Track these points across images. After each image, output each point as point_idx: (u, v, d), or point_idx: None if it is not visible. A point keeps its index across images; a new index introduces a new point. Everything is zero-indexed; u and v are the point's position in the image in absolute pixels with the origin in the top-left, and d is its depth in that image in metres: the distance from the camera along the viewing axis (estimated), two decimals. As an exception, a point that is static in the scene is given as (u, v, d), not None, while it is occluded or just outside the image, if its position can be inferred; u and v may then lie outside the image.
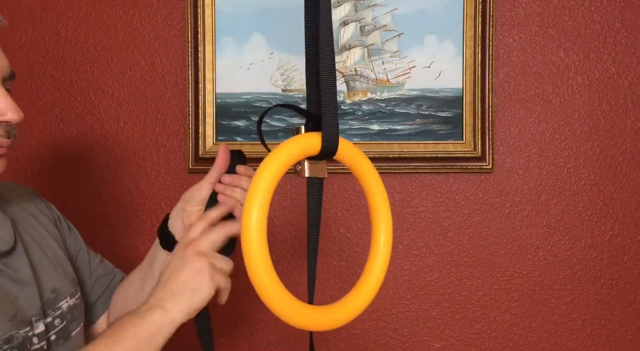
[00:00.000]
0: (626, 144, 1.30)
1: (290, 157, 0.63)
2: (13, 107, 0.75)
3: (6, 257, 0.78)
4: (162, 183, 1.37)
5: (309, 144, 0.64)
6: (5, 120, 0.74)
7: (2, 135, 0.75)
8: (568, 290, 1.32)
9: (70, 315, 0.85)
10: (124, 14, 1.36)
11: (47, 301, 0.81)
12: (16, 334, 0.73)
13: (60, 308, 0.83)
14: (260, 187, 0.60)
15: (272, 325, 1.35)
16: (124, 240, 1.37)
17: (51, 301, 0.82)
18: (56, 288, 0.84)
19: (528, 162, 1.31)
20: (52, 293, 0.83)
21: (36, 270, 0.81)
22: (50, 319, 0.81)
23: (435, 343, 1.34)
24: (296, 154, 0.64)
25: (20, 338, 0.74)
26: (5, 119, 0.74)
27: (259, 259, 0.60)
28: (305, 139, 0.64)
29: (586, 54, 1.30)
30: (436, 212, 1.33)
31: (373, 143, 1.32)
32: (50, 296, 0.82)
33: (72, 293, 0.87)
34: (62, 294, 0.85)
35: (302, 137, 0.64)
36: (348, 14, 1.31)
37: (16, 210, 0.87)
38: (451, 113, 1.30)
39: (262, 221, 0.60)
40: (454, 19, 1.29)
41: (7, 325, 0.73)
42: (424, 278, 1.34)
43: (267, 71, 1.32)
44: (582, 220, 1.31)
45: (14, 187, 0.93)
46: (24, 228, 0.85)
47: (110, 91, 1.37)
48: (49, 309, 0.81)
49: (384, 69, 1.31)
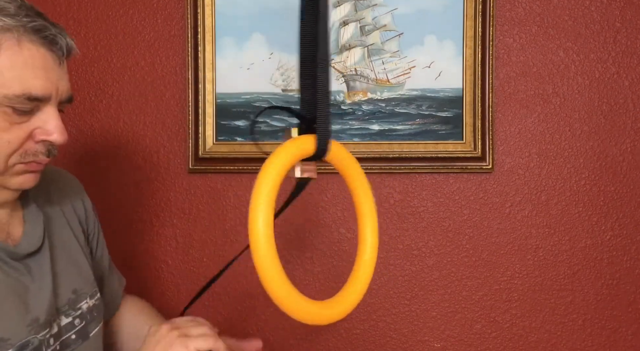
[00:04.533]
0: (626, 144, 1.30)
1: (289, 160, 0.64)
2: (61, 130, 0.76)
3: (30, 258, 0.80)
4: (162, 183, 1.37)
5: (304, 146, 0.66)
6: (51, 140, 0.76)
7: (43, 153, 0.76)
8: (568, 290, 1.31)
9: (90, 315, 0.87)
10: (124, 14, 1.36)
11: (68, 302, 0.84)
12: (32, 339, 0.75)
13: (81, 308, 0.86)
14: (264, 192, 0.61)
15: (272, 325, 1.35)
16: (124, 240, 1.37)
17: (72, 301, 0.85)
18: (77, 289, 0.86)
19: (528, 162, 1.31)
20: (73, 293, 0.85)
21: (57, 271, 0.83)
22: (71, 319, 0.83)
23: (435, 343, 1.33)
24: (294, 157, 0.65)
25: (37, 342, 0.76)
26: (50, 139, 0.76)
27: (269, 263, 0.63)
28: (300, 142, 0.66)
29: (586, 54, 1.30)
30: (436, 212, 1.33)
31: (373, 143, 1.32)
32: (71, 297, 0.85)
33: (91, 294, 0.89)
34: (83, 295, 0.87)
35: (299, 140, 0.66)
36: (348, 14, 1.31)
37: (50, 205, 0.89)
38: (451, 113, 1.30)
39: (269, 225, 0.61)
40: (454, 19, 1.29)
41: (25, 330, 0.75)
42: (424, 278, 1.34)
43: (267, 71, 1.32)
44: (582, 220, 1.31)
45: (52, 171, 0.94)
46: (54, 227, 0.87)
47: (110, 91, 1.37)
48: (69, 309, 0.84)
49: (384, 68, 1.31)
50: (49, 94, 0.74)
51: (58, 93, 0.76)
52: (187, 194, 1.36)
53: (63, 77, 0.77)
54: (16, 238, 0.80)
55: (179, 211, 1.36)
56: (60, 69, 0.76)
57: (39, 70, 0.73)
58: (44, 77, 0.73)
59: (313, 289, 1.34)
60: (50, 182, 0.91)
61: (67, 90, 0.78)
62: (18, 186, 0.77)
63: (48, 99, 0.75)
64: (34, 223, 0.83)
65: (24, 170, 0.76)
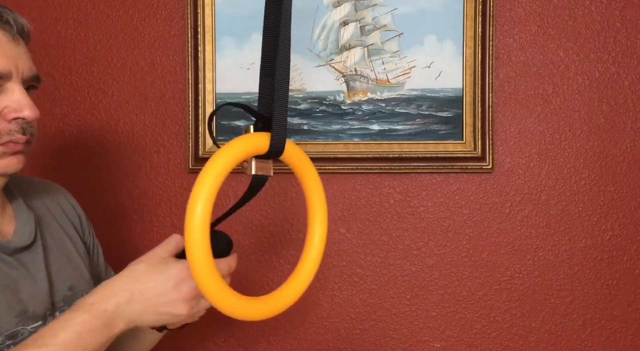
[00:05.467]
0: (626, 144, 1.30)
1: (237, 155, 0.66)
2: (29, 105, 0.77)
3: (22, 253, 0.81)
4: (162, 183, 1.37)
5: (257, 144, 0.67)
6: (22, 116, 0.77)
7: (17, 131, 0.77)
8: (568, 290, 1.31)
9: None
10: (124, 14, 1.36)
11: (64, 298, 0.84)
12: (22, 330, 0.75)
13: None
14: (206, 185, 0.64)
15: (272, 325, 1.35)
16: (124, 240, 1.37)
17: (68, 297, 0.86)
18: (73, 285, 0.88)
19: (528, 162, 1.31)
20: (69, 290, 0.87)
21: (51, 268, 0.84)
22: None
23: (435, 343, 1.33)
24: (244, 153, 0.67)
25: (27, 333, 0.76)
26: (21, 116, 0.77)
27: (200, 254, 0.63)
28: (253, 139, 0.68)
29: (586, 54, 1.30)
30: (436, 212, 1.33)
31: (373, 143, 1.32)
32: (67, 293, 0.86)
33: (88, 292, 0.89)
34: (79, 292, 0.88)
35: (251, 137, 0.68)
36: (348, 14, 1.31)
37: (39, 206, 0.90)
38: (451, 113, 1.30)
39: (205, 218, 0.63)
40: (454, 19, 1.29)
41: (13, 320, 0.75)
42: (424, 278, 1.34)
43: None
44: (582, 220, 1.31)
45: (38, 182, 0.96)
46: (45, 225, 0.88)
47: (110, 91, 1.37)
48: (64, 305, 0.84)
49: (384, 68, 1.31)
50: (8, 70, 0.75)
51: (19, 70, 0.77)
52: (187, 194, 1.34)
53: (22, 55, 0.78)
54: (7, 235, 0.81)
55: (179, 211, 1.36)
56: (16, 46, 0.78)
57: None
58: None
59: (313, 289, 1.34)
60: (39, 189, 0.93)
61: (30, 69, 0.79)
62: (3, 170, 0.78)
63: (9, 76, 0.76)
64: (25, 220, 0.84)
65: (3, 151, 0.77)
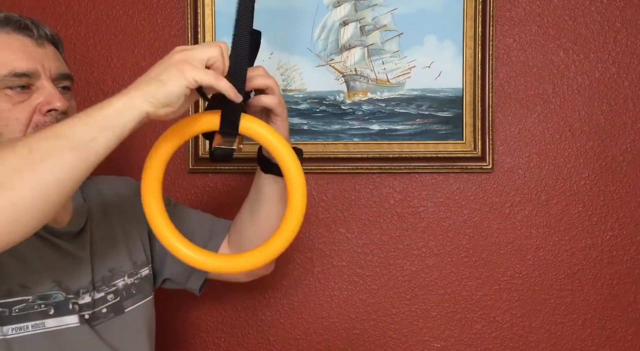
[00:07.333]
0: (626, 144, 1.30)
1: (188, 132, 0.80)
2: (59, 97, 0.84)
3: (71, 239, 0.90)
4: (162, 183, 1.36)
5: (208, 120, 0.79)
6: (54, 107, 0.83)
7: (53, 122, 0.82)
8: (568, 290, 1.31)
9: (126, 292, 0.95)
10: (124, 14, 1.36)
11: (102, 278, 0.92)
12: (56, 294, 0.83)
13: (116, 285, 0.94)
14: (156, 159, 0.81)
15: (272, 325, 1.35)
16: (124, 240, 1.37)
17: (107, 278, 0.93)
18: (114, 267, 0.95)
19: (528, 162, 1.31)
20: (109, 271, 0.94)
21: (95, 251, 0.92)
22: (103, 294, 0.91)
23: (435, 343, 1.33)
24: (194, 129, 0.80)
25: (62, 298, 0.83)
26: (53, 107, 0.83)
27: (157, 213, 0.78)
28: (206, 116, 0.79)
29: (586, 54, 1.30)
30: (436, 212, 1.33)
31: (373, 143, 1.32)
32: (106, 274, 0.93)
33: (130, 273, 0.97)
34: (120, 273, 0.95)
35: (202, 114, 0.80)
36: (348, 14, 1.31)
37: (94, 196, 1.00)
38: (451, 113, 1.30)
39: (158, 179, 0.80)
40: (454, 19, 1.29)
41: (49, 285, 0.83)
42: (424, 278, 1.34)
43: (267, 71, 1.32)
44: (582, 220, 1.31)
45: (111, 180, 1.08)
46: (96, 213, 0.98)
47: (110, 91, 1.37)
48: (103, 285, 0.92)
49: (384, 68, 1.31)
50: (34, 69, 0.83)
51: (45, 69, 0.84)
52: (187, 194, 1.36)
53: (49, 55, 0.86)
54: (62, 223, 0.90)
55: (179, 211, 1.36)
56: (41, 49, 0.85)
57: (18, 51, 0.82)
58: (23, 55, 0.82)
59: (313, 289, 1.34)
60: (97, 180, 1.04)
61: (57, 68, 0.87)
62: None
63: (36, 75, 0.83)
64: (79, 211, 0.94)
65: None
